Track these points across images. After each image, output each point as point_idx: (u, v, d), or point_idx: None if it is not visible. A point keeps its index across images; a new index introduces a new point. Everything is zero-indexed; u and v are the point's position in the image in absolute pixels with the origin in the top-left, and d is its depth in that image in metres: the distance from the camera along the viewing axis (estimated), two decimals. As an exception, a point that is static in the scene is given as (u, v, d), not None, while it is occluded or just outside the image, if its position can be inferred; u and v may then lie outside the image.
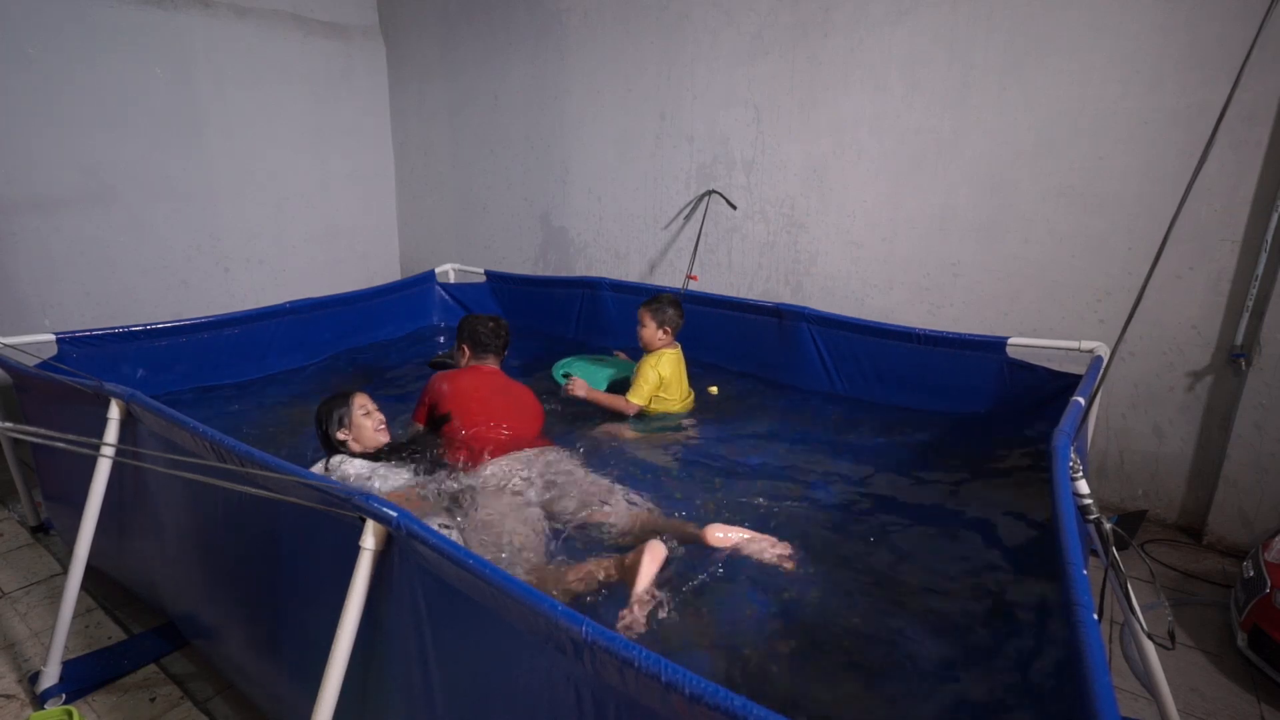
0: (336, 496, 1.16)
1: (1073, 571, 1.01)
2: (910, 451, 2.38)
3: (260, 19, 3.93)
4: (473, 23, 4.08)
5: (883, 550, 1.86)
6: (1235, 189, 2.17)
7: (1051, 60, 2.42)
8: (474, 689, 1.08)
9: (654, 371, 2.59)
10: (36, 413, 2.19)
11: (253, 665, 1.57)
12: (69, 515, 2.01)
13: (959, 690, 1.40)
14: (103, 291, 3.50)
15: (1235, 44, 2.09)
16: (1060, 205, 2.48)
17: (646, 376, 2.59)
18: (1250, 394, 2.21)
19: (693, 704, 0.73)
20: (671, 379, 2.64)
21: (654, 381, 2.59)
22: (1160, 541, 2.38)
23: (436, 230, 4.65)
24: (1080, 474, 1.32)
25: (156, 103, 3.56)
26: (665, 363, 2.62)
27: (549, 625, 0.87)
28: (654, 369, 2.59)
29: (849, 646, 1.51)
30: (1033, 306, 2.60)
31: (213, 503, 1.53)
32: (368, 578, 1.13)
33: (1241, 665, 1.79)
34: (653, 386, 2.59)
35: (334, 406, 2.08)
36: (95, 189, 3.41)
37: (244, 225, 4.01)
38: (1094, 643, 0.87)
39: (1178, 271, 2.29)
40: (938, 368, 2.56)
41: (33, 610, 2.02)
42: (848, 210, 2.97)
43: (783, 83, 3.03)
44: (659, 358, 2.62)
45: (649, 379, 2.58)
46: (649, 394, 2.59)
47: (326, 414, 2.08)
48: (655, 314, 2.65)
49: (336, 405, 2.09)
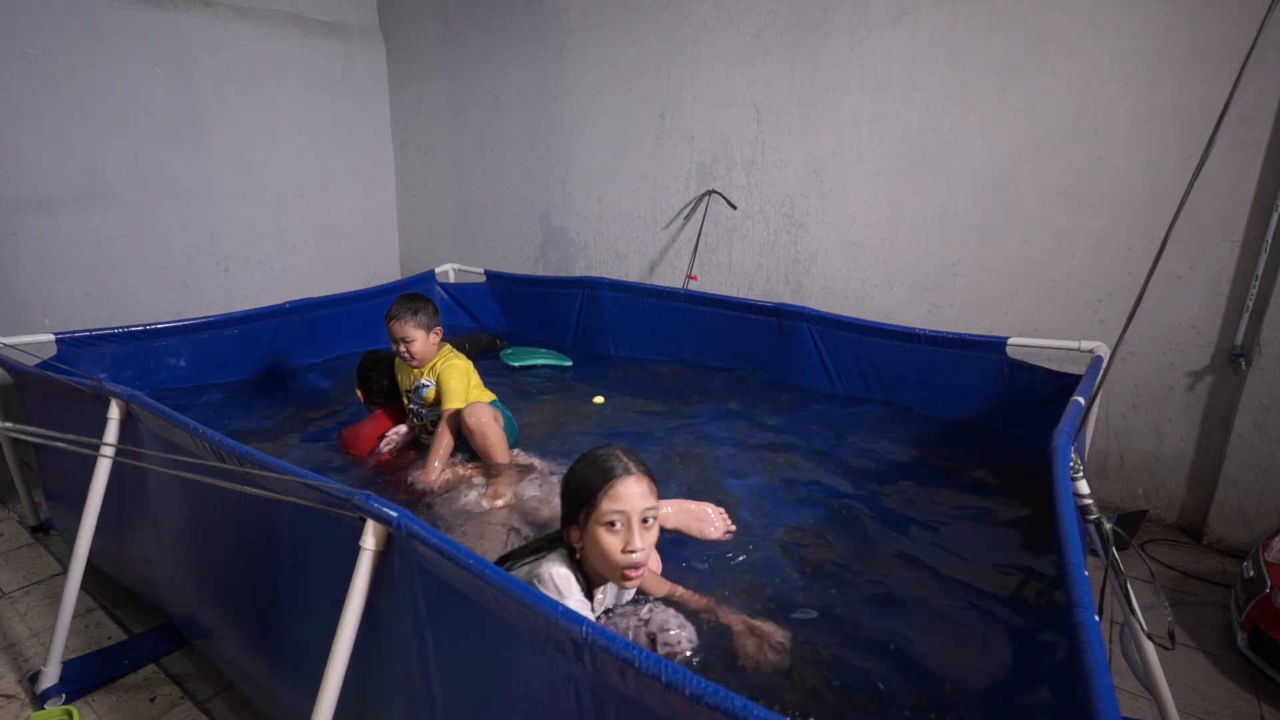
0: (336, 497, 1.16)
1: (1073, 571, 1.01)
2: (910, 451, 2.38)
3: (260, 19, 3.92)
4: (473, 23, 4.08)
5: (881, 550, 1.86)
6: (1235, 189, 2.17)
7: (1051, 60, 2.42)
8: (474, 689, 1.08)
9: (463, 370, 2.31)
10: (37, 413, 2.19)
11: (253, 665, 1.57)
12: (69, 515, 2.01)
13: (959, 690, 1.40)
14: (103, 291, 3.50)
15: (1235, 44, 2.09)
16: (1060, 205, 2.48)
17: (458, 378, 2.29)
18: (1250, 394, 2.21)
19: (693, 704, 0.73)
20: (469, 377, 2.37)
21: (461, 374, 2.30)
22: (1160, 541, 2.38)
23: (436, 230, 4.65)
24: (1080, 474, 1.32)
25: (156, 103, 3.56)
26: (457, 356, 2.35)
27: (549, 625, 0.87)
28: (461, 368, 2.32)
29: (847, 646, 1.51)
30: (1033, 306, 2.60)
31: (213, 503, 1.53)
32: (368, 578, 1.13)
33: (1241, 665, 1.79)
34: (465, 385, 2.30)
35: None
36: (95, 189, 3.41)
37: (244, 225, 4.01)
38: (1094, 643, 0.86)
39: (1178, 271, 2.29)
40: (938, 368, 2.56)
41: (33, 610, 2.02)
42: (848, 210, 2.97)
43: (783, 83, 3.03)
44: (454, 355, 2.35)
45: (461, 379, 2.30)
46: (464, 394, 2.28)
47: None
48: (419, 322, 2.27)
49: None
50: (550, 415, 2.74)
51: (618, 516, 1.28)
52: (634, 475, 1.30)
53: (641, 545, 1.28)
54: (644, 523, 1.29)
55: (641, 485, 1.30)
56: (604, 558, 1.29)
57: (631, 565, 1.28)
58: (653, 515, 1.31)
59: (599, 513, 1.29)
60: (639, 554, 1.27)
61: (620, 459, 1.32)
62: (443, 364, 2.31)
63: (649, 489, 1.32)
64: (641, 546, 1.28)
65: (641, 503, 1.29)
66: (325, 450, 2.47)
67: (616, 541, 1.29)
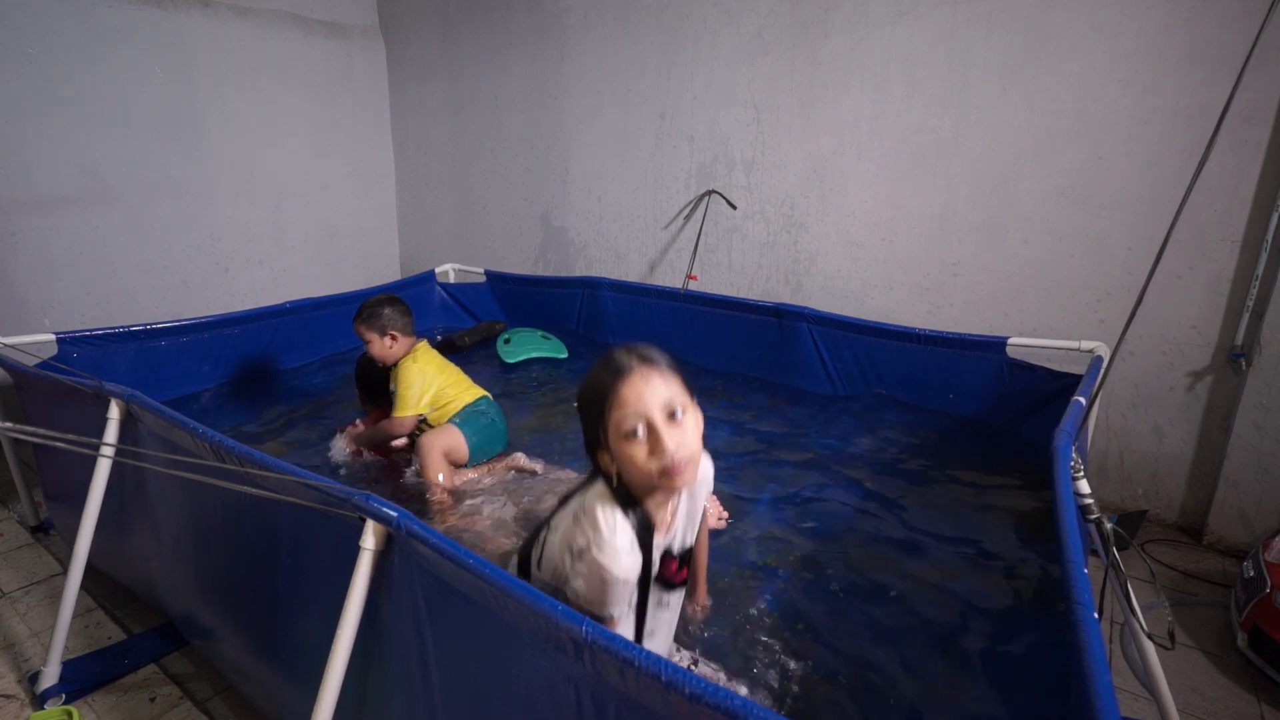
0: (336, 497, 1.16)
1: (1073, 571, 1.01)
2: (910, 452, 2.38)
3: (260, 19, 3.92)
4: (473, 23, 4.08)
5: (881, 550, 1.86)
6: (1235, 189, 2.17)
7: (1051, 60, 2.42)
8: (474, 689, 1.07)
9: (420, 378, 2.27)
10: (37, 412, 2.19)
11: (253, 665, 1.57)
12: (69, 515, 2.01)
13: (958, 689, 1.40)
14: (103, 291, 3.50)
15: (1235, 44, 2.09)
16: (1060, 205, 2.48)
17: (409, 382, 2.25)
18: (1250, 394, 2.21)
19: (693, 704, 0.73)
20: (438, 376, 2.33)
21: (419, 385, 2.26)
22: (1160, 541, 2.38)
23: (436, 230, 4.65)
24: (1081, 474, 1.32)
25: (156, 102, 3.56)
26: (427, 362, 2.31)
27: (549, 625, 0.87)
28: (419, 374, 2.27)
29: (846, 645, 1.51)
30: (1033, 306, 2.60)
31: (212, 503, 1.53)
32: (367, 578, 1.13)
33: (1241, 665, 1.79)
34: (420, 389, 2.26)
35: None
36: (95, 189, 3.41)
37: (244, 225, 4.01)
38: (1094, 642, 0.86)
39: (1178, 271, 2.29)
40: (938, 368, 2.56)
41: (33, 610, 2.02)
42: (848, 210, 2.97)
43: (783, 83, 3.03)
44: (412, 358, 2.31)
45: (412, 384, 2.25)
46: (416, 400, 2.25)
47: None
48: (370, 324, 2.28)
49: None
50: (548, 417, 2.74)
51: (634, 422, 1.07)
52: (639, 370, 1.09)
53: (674, 445, 1.06)
54: (671, 418, 1.08)
55: (653, 378, 1.09)
56: (637, 473, 1.10)
57: (667, 468, 1.07)
58: (681, 407, 1.10)
59: (614, 426, 1.09)
60: (673, 453, 1.06)
61: (624, 355, 1.11)
62: (399, 367, 2.32)
63: (666, 378, 1.10)
64: (673, 447, 1.06)
65: (658, 397, 1.08)
66: (325, 450, 2.47)
67: (642, 451, 1.08)
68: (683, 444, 1.08)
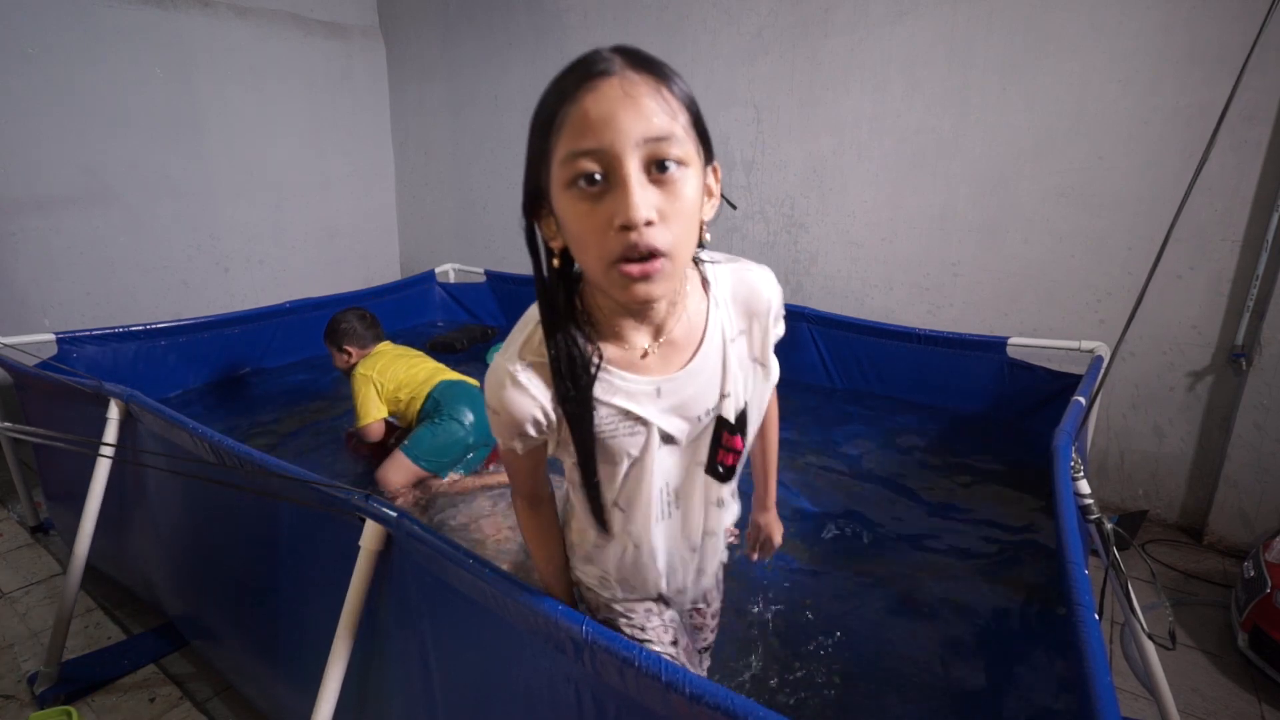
0: (335, 497, 1.16)
1: (1074, 571, 1.01)
2: (910, 452, 2.38)
3: (260, 19, 3.92)
4: (473, 23, 4.08)
5: (881, 550, 1.86)
6: (1235, 189, 2.17)
7: (1051, 60, 2.41)
8: (474, 689, 1.07)
9: (366, 385, 2.27)
10: (37, 412, 2.19)
11: (252, 666, 1.57)
12: (69, 515, 2.01)
13: (958, 690, 1.40)
14: (103, 291, 3.50)
15: (1235, 44, 2.09)
16: (1060, 205, 2.48)
17: (358, 392, 2.28)
18: (1251, 394, 2.21)
19: (693, 704, 0.73)
20: (391, 367, 2.31)
21: (368, 392, 2.26)
22: (1161, 542, 2.37)
23: (436, 230, 4.64)
24: (1081, 474, 1.32)
25: (156, 102, 3.56)
26: (370, 366, 2.30)
27: (549, 625, 0.87)
28: (364, 381, 2.28)
29: (846, 644, 1.51)
30: (1033, 306, 2.60)
31: (212, 503, 1.53)
32: (367, 578, 1.13)
33: (1242, 665, 1.79)
34: (370, 396, 2.26)
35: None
36: (95, 189, 3.41)
37: (244, 225, 4.01)
38: (1095, 643, 0.86)
39: (1178, 271, 2.29)
40: (938, 368, 2.56)
41: (32, 610, 2.01)
42: (848, 210, 2.97)
43: (783, 82, 3.03)
44: (362, 366, 2.32)
45: (359, 392, 2.28)
46: (373, 408, 2.27)
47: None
48: (328, 340, 2.40)
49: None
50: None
51: (587, 160, 0.65)
52: (622, 75, 0.65)
53: (642, 207, 0.64)
54: (656, 168, 0.65)
55: (640, 92, 0.64)
56: (579, 252, 0.70)
57: (629, 251, 0.65)
58: (679, 157, 0.66)
59: (559, 160, 0.67)
60: (638, 220, 0.64)
61: (606, 52, 0.67)
62: (351, 378, 2.35)
63: (662, 97, 0.66)
64: (641, 209, 0.64)
65: (641, 123, 0.64)
66: (325, 450, 2.47)
67: (590, 211, 0.66)
68: (666, 216, 0.66)
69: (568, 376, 0.75)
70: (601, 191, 0.66)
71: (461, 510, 2.04)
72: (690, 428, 0.84)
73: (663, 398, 0.81)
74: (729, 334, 0.84)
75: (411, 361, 2.36)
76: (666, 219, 0.66)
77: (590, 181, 0.66)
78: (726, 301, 0.85)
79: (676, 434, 0.83)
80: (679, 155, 0.66)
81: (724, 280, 0.85)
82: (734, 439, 0.86)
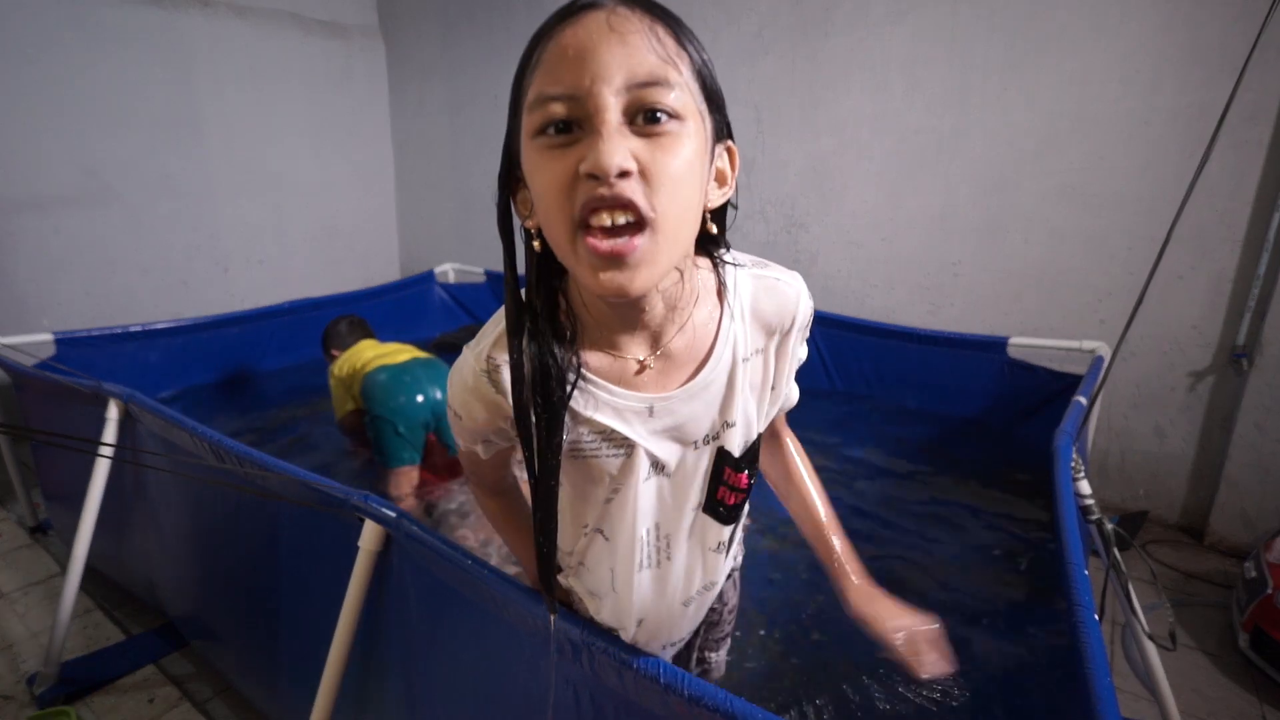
0: (335, 497, 1.15)
1: (1074, 572, 1.01)
2: (910, 452, 2.38)
3: (259, 19, 3.92)
4: (473, 23, 4.08)
5: (880, 549, 1.85)
6: (1236, 189, 2.17)
7: (1051, 60, 2.41)
8: (472, 689, 1.07)
9: (335, 383, 2.35)
10: (36, 413, 2.19)
11: (252, 666, 1.57)
12: (68, 515, 2.01)
13: (959, 690, 1.39)
14: (102, 291, 3.49)
15: (1236, 44, 2.08)
16: (1061, 205, 2.48)
17: (332, 389, 2.37)
18: (1252, 394, 2.21)
19: (692, 706, 0.72)
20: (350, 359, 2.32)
21: (338, 387, 2.34)
22: (1161, 542, 2.37)
23: (436, 230, 4.64)
24: (1082, 474, 1.31)
25: (156, 103, 3.56)
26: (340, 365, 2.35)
27: (548, 625, 0.86)
28: (333, 380, 2.37)
29: (845, 645, 1.51)
30: (1033, 306, 2.60)
31: (211, 503, 1.53)
32: (366, 578, 1.12)
33: (1243, 666, 1.79)
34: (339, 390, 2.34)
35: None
36: (95, 189, 3.41)
37: (243, 225, 4.01)
38: (1095, 643, 0.86)
39: (1179, 271, 2.29)
40: (938, 368, 2.56)
41: (31, 611, 2.01)
42: (848, 210, 2.97)
43: (783, 82, 3.03)
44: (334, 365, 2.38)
45: (335, 391, 2.36)
46: (341, 400, 2.34)
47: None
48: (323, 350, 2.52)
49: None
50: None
51: (557, 104, 0.54)
52: (607, 8, 0.54)
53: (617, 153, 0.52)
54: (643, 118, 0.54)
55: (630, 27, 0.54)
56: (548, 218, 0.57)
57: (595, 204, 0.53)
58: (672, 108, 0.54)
59: (525, 108, 0.58)
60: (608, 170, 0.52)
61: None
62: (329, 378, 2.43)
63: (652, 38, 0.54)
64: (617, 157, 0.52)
65: (623, 66, 0.53)
66: (324, 450, 2.47)
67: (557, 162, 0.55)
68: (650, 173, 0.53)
69: (539, 389, 0.64)
70: (571, 141, 0.54)
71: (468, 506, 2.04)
72: (684, 453, 0.73)
73: (655, 417, 0.69)
74: (742, 352, 0.71)
75: (373, 351, 2.31)
76: (650, 176, 0.53)
77: (560, 129, 0.54)
78: (744, 313, 0.71)
79: (668, 460, 0.72)
80: (674, 106, 0.54)
81: (744, 287, 0.72)
82: (739, 476, 0.75)
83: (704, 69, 0.59)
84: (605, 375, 0.68)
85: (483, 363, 0.68)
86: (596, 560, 0.80)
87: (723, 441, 0.73)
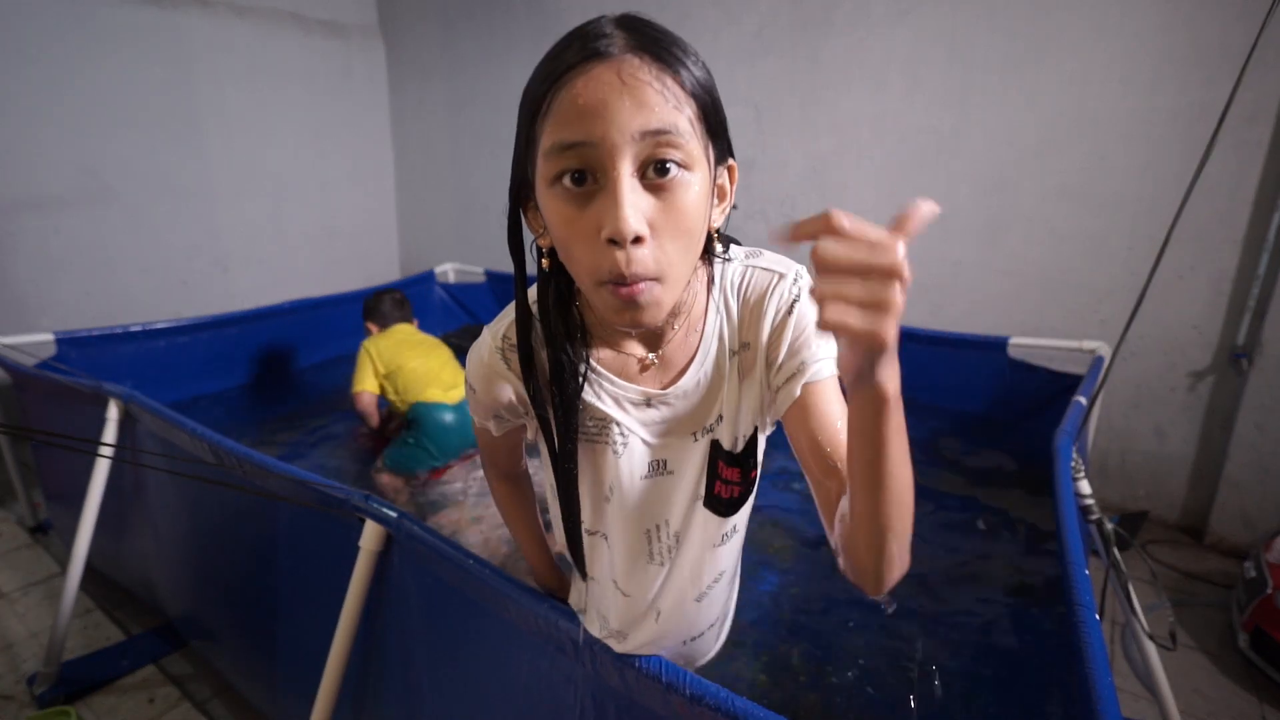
0: (335, 497, 1.15)
1: (1074, 572, 1.01)
2: (910, 452, 2.38)
3: (260, 18, 3.92)
4: (473, 23, 4.08)
5: (883, 550, 1.85)
6: (1236, 189, 2.17)
7: (1052, 60, 2.41)
8: (473, 690, 1.07)
9: (364, 356, 2.40)
10: (36, 413, 2.18)
11: (251, 666, 1.57)
12: (68, 515, 2.01)
13: (959, 691, 1.39)
14: (102, 291, 3.49)
15: (1236, 44, 2.08)
16: (1061, 205, 2.48)
17: (358, 360, 2.42)
18: (1252, 394, 2.21)
19: (693, 705, 0.72)
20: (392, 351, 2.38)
21: (366, 363, 2.39)
22: (1161, 542, 2.37)
23: (436, 230, 4.64)
24: (1082, 474, 1.31)
25: (156, 102, 3.55)
26: (375, 342, 2.41)
27: (548, 626, 0.86)
28: (364, 352, 2.41)
29: (846, 645, 1.51)
30: (1034, 306, 2.60)
31: (211, 503, 1.53)
32: (366, 578, 1.12)
33: (1243, 666, 1.79)
34: (366, 367, 2.38)
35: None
36: (95, 189, 3.41)
37: (243, 225, 4.01)
38: (1095, 643, 0.86)
39: (1179, 271, 2.29)
40: (938, 367, 2.56)
41: (31, 611, 2.01)
42: (848, 210, 2.95)
43: (783, 82, 3.03)
44: (371, 340, 2.44)
45: (361, 364, 2.40)
46: (364, 378, 2.38)
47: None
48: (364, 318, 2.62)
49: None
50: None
51: (573, 156, 0.57)
52: (617, 58, 0.56)
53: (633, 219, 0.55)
54: (656, 172, 0.56)
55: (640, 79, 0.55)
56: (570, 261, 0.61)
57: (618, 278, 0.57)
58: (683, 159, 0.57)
59: (541, 153, 0.60)
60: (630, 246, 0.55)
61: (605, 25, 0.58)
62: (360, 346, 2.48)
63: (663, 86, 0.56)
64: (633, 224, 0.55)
65: (639, 114, 0.55)
66: (324, 450, 2.47)
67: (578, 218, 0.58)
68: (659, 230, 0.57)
69: (556, 381, 0.71)
70: (588, 193, 0.58)
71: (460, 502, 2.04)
72: (680, 447, 0.75)
73: (652, 409, 0.74)
74: (731, 344, 0.73)
75: (416, 353, 2.40)
76: (659, 234, 0.58)
77: (576, 180, 0.58)
78: (731, 305, 0.73)
79: (664, 454, 0.75)
80: (681, 157, 0.57)
81: (732, 279, 0.74)
82: (731, 470, 0.75)
83: (709, 102, 0.61)
84: (609, 367, 0.74)
85: (499, 340, 0.75)
86: (602, 571, 0.83)
87: (715, 435, 0.75)
